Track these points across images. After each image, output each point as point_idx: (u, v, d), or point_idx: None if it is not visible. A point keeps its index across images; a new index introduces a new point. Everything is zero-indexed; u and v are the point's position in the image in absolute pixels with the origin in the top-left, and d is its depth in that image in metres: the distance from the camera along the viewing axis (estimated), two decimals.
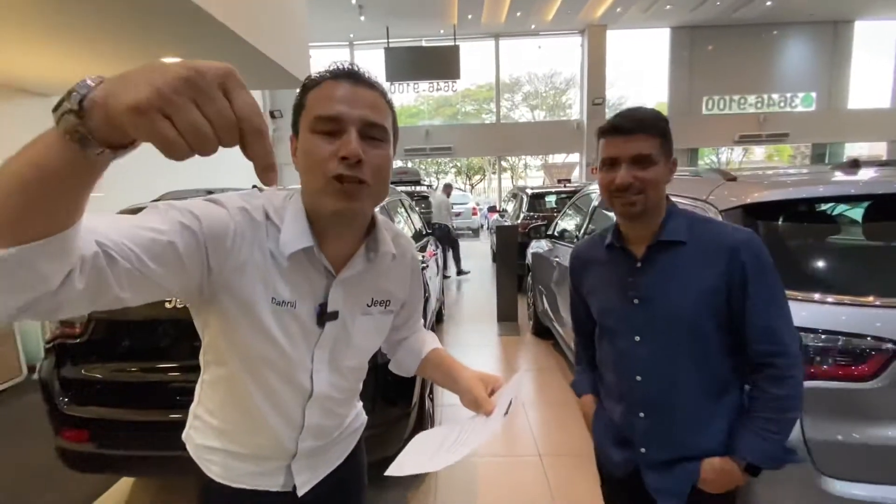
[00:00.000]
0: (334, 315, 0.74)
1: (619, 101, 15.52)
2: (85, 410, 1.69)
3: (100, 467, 1.74)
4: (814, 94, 13.84)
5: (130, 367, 1.74)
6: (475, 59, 14.04)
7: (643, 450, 1.00)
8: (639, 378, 0.98)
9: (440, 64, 11.59)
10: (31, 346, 3.84)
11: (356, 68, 0.67)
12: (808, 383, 1.13)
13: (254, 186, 0.79)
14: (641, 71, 15.07)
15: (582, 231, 3.10)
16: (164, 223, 0.57)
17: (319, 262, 0.71)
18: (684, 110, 13.43)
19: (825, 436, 1.12)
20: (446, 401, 3.06)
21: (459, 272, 7.58)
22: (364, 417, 1.01)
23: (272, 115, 13.17)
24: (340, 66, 0.67)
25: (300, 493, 0.84)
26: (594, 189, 3.21)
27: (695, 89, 13.66)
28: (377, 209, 0.76)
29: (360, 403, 0.99)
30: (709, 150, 16.91)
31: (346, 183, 0.63)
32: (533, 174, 22.88)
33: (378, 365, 1.78)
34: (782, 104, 13.93)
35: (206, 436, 0.82)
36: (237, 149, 0.40)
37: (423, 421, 2.17)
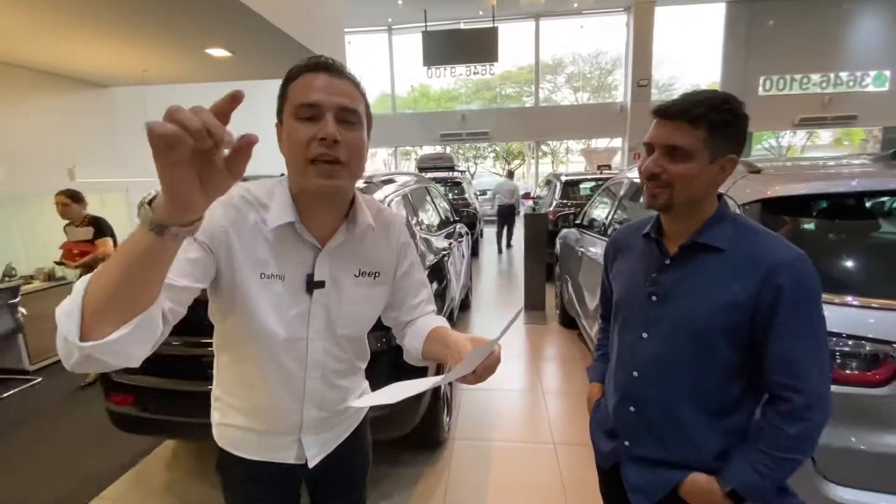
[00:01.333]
0: (321, 284, 0.81)
1: (669, 81, 14.71)
2: (130, 378, 1.88)
3: (141, 429, 1.93)
4: (888, 73, 12.51)
5: (171, 341, 1.91)
6: (515, 40, 13.69)
7: (627, 442, 0.99)
8: (636, 374, 0.96)
9: (478, 47, 11.41)
10: None
11: (331, 61, 0.75)
12: None
13: (282, 174, 0.86)
14: (692, 49, 14.18)
15: (609, 221, 3.03)
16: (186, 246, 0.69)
17: (303, 237, 0.79)
18: (738, 91, 12.38)
19: (831, 441, 1.08)
20: (467, 385, 3.12)
21: (508, 245, 8.78)
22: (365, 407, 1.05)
23: None
24: (317, 60, 0.75)
25: (311, 465, 0.92)
26: (625, 177, 3.12)
27: (751, 68, 12.72)
28: (387, 199, 0.83)
29: (366, 383, 1.04)
30: (768, 134, 15.77)
31: (325, 163, 0.71)
32: (575, 159, 22.19)
33: (392, 347, 1.86)
34: (851, 83, 12.72)
35: (225, 414, 0.91)
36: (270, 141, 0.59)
37: (439, 404, 2.24)
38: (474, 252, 7.62)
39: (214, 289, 0.79)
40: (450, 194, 7.88)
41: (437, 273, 2.44)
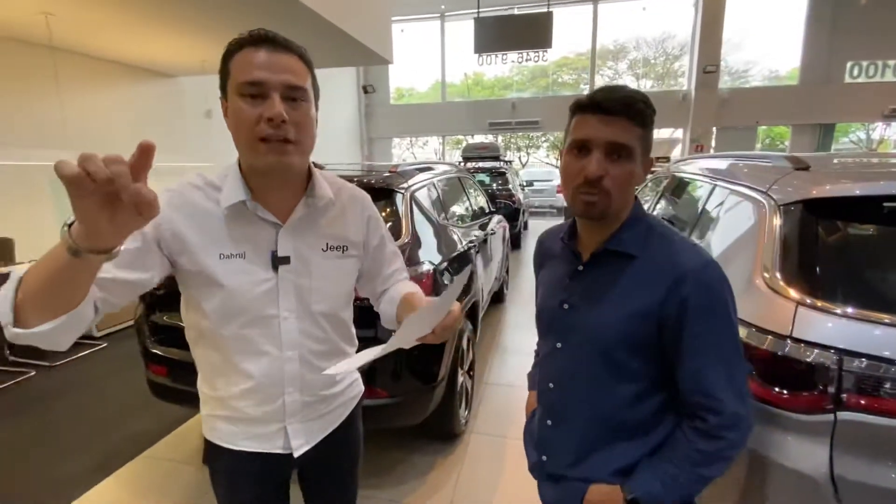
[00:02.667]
0: (286, 259, 0.81)
1: (744, 67, 13.53)
2: (164, 350, 2.02)
3: (174, 398, 2.07)
4: None
5: None
6: (573, 25, 13.14)
7: (544, 457, 0.95)
8: (551, 385, 0.92)
9: (531, 32, 11.05)
10: None
11: (272, 34, 0.72)
12: (846, 415, 0.97)
13: (313, 162, 0.88)
14: (767, 32, 12.95)
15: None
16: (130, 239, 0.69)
17: (258, 214, 0.79)
18: (820, 78, 11.32)
19: (858, 476, 0.96)
20: (492, 379, 3.09)
21: None
22: (361, 388, 1.06)
23: (364, 90, 13.70)
24: (258, 33, 0.72)
25: (296, 454, 0.90)
26: (676, 169, 2.91)
27: (836, 52, 11.35)
28: (412, 188, 0.82)
29: (358, 375, 1.05)
30: (856, 126, 14.16)
31: (274, 142, 0.71)
32: None
33: None
34: None
35: (208, 405, 0.91)
36: (332, 131, 0.67)
37: (455, 396, 2.23)
38: (516, 244, 7.48)
39: (180, 280, 0.80)
40: (493, 184, 7.77)
41: (463, 265, 2.41)
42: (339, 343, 0.94)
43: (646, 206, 3.00)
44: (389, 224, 2.03)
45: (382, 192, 2.11)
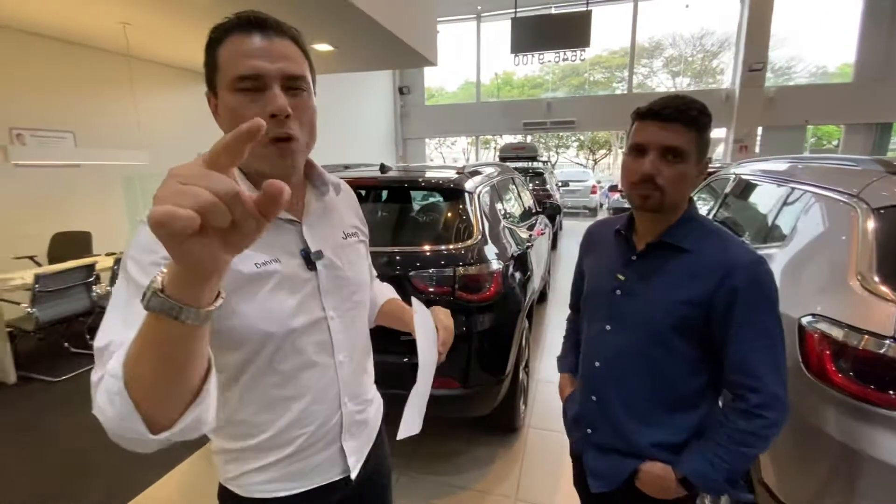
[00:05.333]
0: (319, 254, 0.74)
1: (787, 64, 13.02)
2: None
3: None
4: None
5: None
6: (609, 23, 12.95)
7: (589, 430, 1.04)
8: (597, 364, 1.01)
9: (569, 32, 10.96)
10: None
11: (263, 15, 0.63)
12: None
13: (382, 164, 0.91)
14: (817, 27, 12.40)
15: (712, 218, 2.84)
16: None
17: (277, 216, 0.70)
18: (877, 74, 10.74)
19: None
20: (542, 376, 3.15)
21: None
22: (381, 401, 0.97)
23: (400, 91, 13.90)
24: (247, 15, 0.63)
25: (353, 474, 0.81)
26: (734, 172, 2.89)
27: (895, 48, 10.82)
28: (477, 190, 0.82)
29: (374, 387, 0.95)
30: None
31: (281, 142, 0.63)
32: None
33: (475, 332, 1.95)
34: None
35: (237, 463, 0.74)
36: (369, 132, 0.60)
37: (517, 391, 2.30)
38: (553, 245, 7.47)
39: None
40: (531, 185, 7.78)
41: (521, 264, 2.47)
42: (366, 333, 0.87)
43: (707, 209, 3.01)
44: (460, 224, 2.12)
45: (453, 193, 2.20)
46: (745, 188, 2.40)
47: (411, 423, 0.79)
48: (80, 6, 3.66)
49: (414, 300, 0.86)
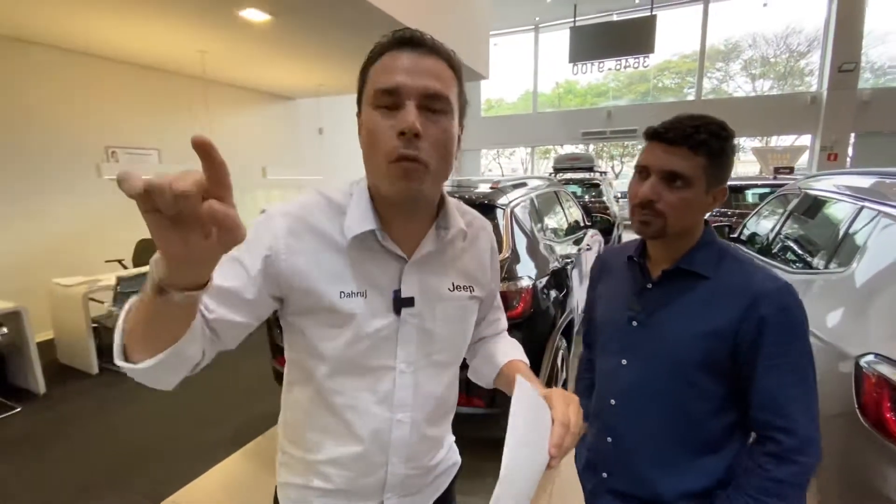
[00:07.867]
0: (410, 301, 0.67)
1: (890, 63, 11.59)
2: None
3: None
4: None
5: None
6: (677, 26, 12.32)
7: (605, 475, 0.95)
8: (613, 402, 0.93)
9: (631, 38, 10.59)
10: None
11: (419, 34, 0.61)
12: None
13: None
14: None
15: (773, 237, 2.59)
16: (229, 276, 0.61)
17: (386, 247, 0.66)
18: None
19: None
20: None
21: None
22: (458, 457, 0.89)
23: None
24: (401, 34, 0.61)
25: None
26: (798, 187, 2.63)
27: None
28: (512, 204, 0.76)
29: (453, 438, 0.88)
30: None
31: (403, 161, 0.58)
32: (746, 158, 19.06)
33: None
34: None
35: (292, 470, 0.75)
36: None
37: None
38: None
39: (291, 315, 0.67)
40: (586, 196, 7.53)
41: (559, 281, 2.40)
42: (451, 405, 0.79)
43: (770, 226, 2.75)
44: None
45: (484, 208, 2.19)
46: (812, 206, 2.16)
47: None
48: (165, 38, 4.13)
49: (518, 377, 0.62)
